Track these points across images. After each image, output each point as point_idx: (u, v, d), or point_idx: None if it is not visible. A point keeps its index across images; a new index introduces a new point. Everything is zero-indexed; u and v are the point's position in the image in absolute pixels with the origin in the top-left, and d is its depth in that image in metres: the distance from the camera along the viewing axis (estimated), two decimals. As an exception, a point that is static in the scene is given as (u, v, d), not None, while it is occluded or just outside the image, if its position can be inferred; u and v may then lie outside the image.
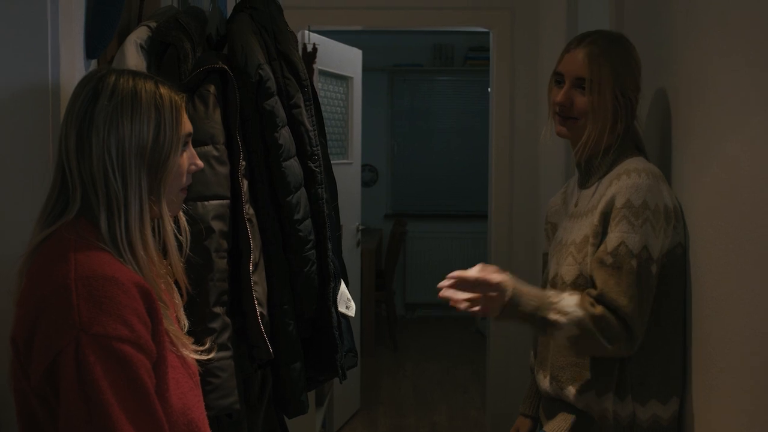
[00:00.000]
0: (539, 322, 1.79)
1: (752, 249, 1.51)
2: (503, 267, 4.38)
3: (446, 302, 1.83)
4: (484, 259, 4.87)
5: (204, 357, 1.53)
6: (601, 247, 1.81)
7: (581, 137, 1.94)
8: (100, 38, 1.94)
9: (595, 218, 1.86)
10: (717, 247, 1.69)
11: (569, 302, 1.77)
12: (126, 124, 1.39)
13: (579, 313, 1.75)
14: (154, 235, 1.46)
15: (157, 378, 1.35)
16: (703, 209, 1.78)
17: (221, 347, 1.92)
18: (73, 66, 1.84)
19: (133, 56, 1.96)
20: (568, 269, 1.92)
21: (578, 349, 1.82)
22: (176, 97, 1.47)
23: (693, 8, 1.84)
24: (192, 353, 1.49)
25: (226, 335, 1.95)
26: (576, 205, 2.03)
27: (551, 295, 1.81)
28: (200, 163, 1.57)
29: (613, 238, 1.79)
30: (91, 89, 1.41)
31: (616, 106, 1.89)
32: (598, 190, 1.92)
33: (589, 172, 2.00)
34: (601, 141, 1.91)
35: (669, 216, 1.80)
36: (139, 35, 2.02)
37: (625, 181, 1.81)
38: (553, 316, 1.76)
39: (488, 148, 4.40)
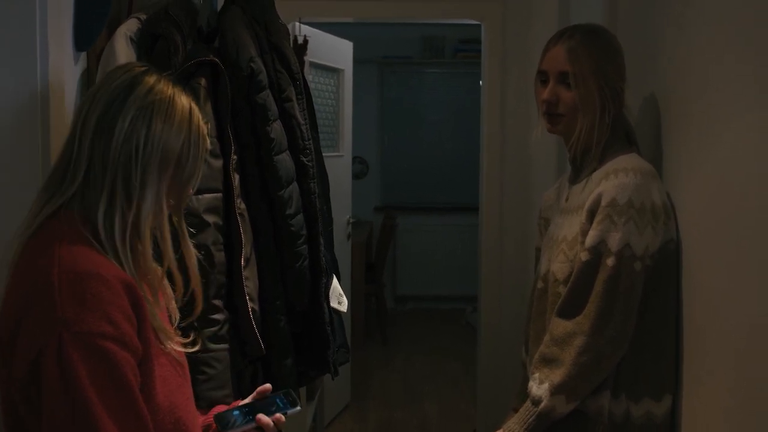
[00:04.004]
0: (541, 421, 1.83)
1: (745, 245, 1.50)
2: (494, 260, 4.35)
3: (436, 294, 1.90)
4: (475, 251, 4.89)
5: (190, 349, 1.51)
6: (582, 245, 1.83)
7: (572, 133, 1.94)
8: (90, 30, 1.92)
9: (583, 216, 1.86)
10: (709, 243, 1.68)
11: (533, 389, 1.85)
12: (158, 123, 1.38)
13: (545, 384, 1.82)
14: None
15: (143, 376, 1.33)
16: (695, 205, 1.77)
17: (220, 339, 1.92)
18: (62, 58, 1.82)
19: (123, 49, 1.94)
20: (560, 266, 1.92)
21: (587, 381, 1.82)
22: (203, 123, 1.47)
23: (687, 3, 1.83)
24: (178, 346, 1.46)
25: (226, 327, 1.95)
26: (567, 201, 2.03)
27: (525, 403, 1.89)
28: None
29: (592, 236, 1.81)
30: (130, 77, 1.40)
31: (602, 97, 1.89)
32: (587, 187, 1.92)
33: (580, 167, 2.00)
34: (592, 134, 1.91)
35: (657, 213, 1.79)
36: (129, 27, 2.00)
37: (613, 180, 1.81)
38: (540, 407, 1.82)
39: (479, 140, 4.39)
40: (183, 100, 1.43)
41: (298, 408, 1.62)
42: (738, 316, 1.53)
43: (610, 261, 1.77)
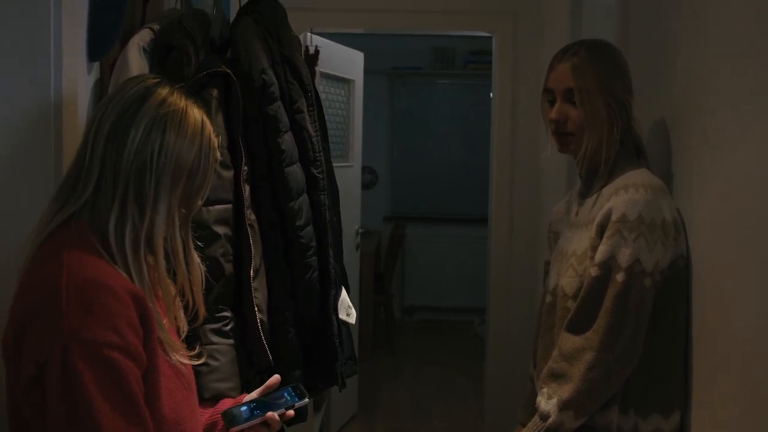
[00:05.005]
0: None
1: (756, 260, 1.49)
2: (502, 271, 4.33)
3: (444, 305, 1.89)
4: (483, 263, 4.88)
5: (195, 362, 1.51)
6: (592, 260, 1.82)
7: (581, 151, 1.93)
8: (103, 41, 1.93)
9: (592, 231, 1.85)
10: (720, 258, 1.67)
11: (541, 404, 1.85)
12: (172, 135, 1.39)
13: (553, 399, 1.82)
14: None
15: (148, 387, 1.33)
16: (706, 220, 1.77)
17: (224, 334, 1.93)
18: (75, 68, 1.84)
19: (135, 59, 1.95)
20: (569, 281, 1.91)
21: (596, 396, 1.81)
22: (214, 136, 1.48)
23: (700, 15, 1.82)
24: (184, 359, 1.46)
25: (232, 325, 1.97)
26: (576, 215, 2.02)
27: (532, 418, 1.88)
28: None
29: (602, 251, 1.80)
30: (143, 88, 1.41)
31: (609, 113, 1.88)
32: (598, 202, 1.91)
33: (590, 181, 1.99)
34: (601, 150, 1.91)
35: (668, 229, 1.79)
36: (142, 38, 2.01)
37: (623, 196, 1.81)
38: (548, 422, 1.81)
39: (489, 152, 4.39)
40: (195, 113, 1.44)
41: (306, 400, 1.61)
42: (748, 328, 1.52)
43: (620, 277, 1.77)
